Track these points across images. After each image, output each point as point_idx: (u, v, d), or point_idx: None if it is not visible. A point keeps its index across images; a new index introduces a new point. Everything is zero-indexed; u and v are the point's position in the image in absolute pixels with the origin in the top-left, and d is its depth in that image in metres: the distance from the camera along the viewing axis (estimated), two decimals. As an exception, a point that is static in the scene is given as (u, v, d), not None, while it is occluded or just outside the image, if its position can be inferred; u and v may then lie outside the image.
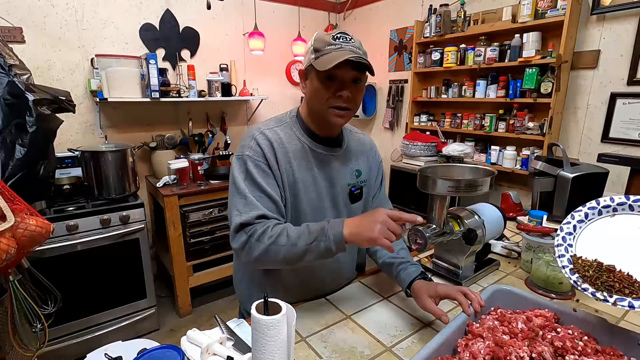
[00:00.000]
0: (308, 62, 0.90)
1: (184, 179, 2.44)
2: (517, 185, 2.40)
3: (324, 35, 0.88)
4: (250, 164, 0.90)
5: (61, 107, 1.53)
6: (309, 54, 0.90)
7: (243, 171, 0.91)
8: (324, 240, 0.78)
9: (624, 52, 1.89)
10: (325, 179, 0.98)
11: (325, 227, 0.79)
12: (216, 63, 2.82)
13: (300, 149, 0.95)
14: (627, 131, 1.91)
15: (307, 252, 0.80)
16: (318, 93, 0.89)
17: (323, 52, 0.86)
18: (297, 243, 0.80)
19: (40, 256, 1.77)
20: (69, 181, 2.12)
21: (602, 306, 0.94)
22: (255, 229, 0.85)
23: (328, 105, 0.89)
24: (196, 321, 2.41)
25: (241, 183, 0.90)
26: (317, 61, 0.86)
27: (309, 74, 0.92)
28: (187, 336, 0.83)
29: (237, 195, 0.90)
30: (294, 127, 0.97)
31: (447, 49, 2.55)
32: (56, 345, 1.90)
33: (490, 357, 0.62)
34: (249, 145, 0.92)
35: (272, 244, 0.82)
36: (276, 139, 0.93)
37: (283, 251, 0.81)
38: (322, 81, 0.87)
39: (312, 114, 0.96)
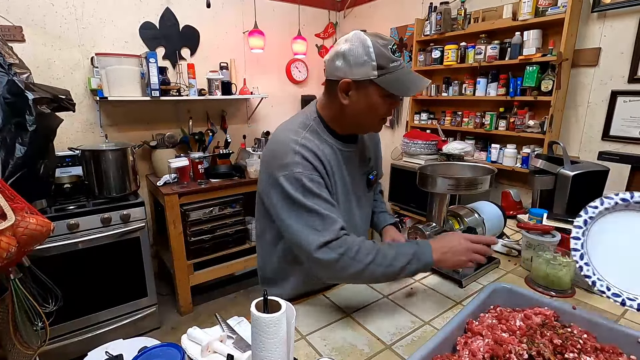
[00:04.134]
0: (365, 76, 0.84)
1: (185, 177, 2.44)
2: (517, 183, 2.39)
3: (382, 49, 0.84)
4: (305, 180, 0.85)
5: (61, 106, 1.53)
6: (364, 67, 0.84)
7: (300, 189, 0.85)
8: (416, 263, 0.85)
9: (624, 49, 1.89)
10: (349, 174, 1.02)
11: (417, 251, 0.86)
12: (216, 61, 2.82)
13: (331, 151, 0.96)
14: (627, 129, 1.90)
15: (400, 272, 0.85)
16: (377, 109, 0.89)
17: (388, 70, 0.84)
18: (394, 264, 0.84)
19: (41, 255, 1.77)
20: (70, 180, 2.12)
21: (602, 304, 0.94)
22: (349, 247, 0.82)
23: (380, 118, 0.93)
24: (197, 319, 2.42)
25: (305, 201, 0.84)
26: (385, 80, 0.84)
27: (362, 87, 0.86)
28: (187, 334, 0.83)
29: (306, 214, 0.84)
30: (319, 130, 0.95)
31: (448, 47, 2.55)
32: (58, 344, 1.90)
33: (489, 355, 0.62)
34: (294, 161, 0.86)
35: (371, 263, 0.83)
36: (314, 146, 0.90)
37: (380, 271, 0.83)
38: (383, 99, 0.88)
39: (352, 121, 0.94)
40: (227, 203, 2.55)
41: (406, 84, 0.86)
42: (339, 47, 0.87)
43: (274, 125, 3.24)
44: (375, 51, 0.83)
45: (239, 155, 3.01)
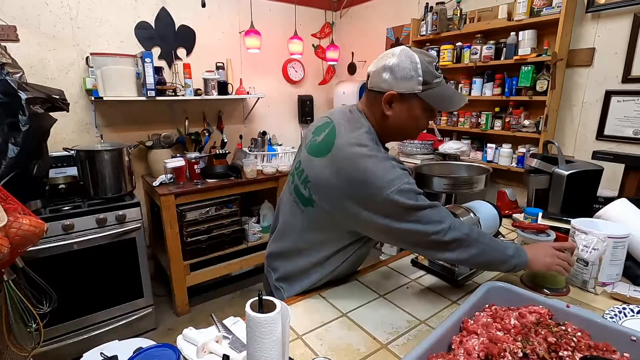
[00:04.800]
0: (410, 90, 0.88)
1: (181, 177, 2.43)
2: (513, 183, 2.41)
3: (428, 65, 0.88)
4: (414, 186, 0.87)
5: (55, 106, 1.52)
6: (411, 81, 0.87)
7: (414, 195, 0.85)
8: (517, 258, 0.91)
9: (618, 49, 1.90)
10: None
11: (518, 247, 0.94)
12: (212, 61, 2.81)
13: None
14: (621, 129, 1.92)
15: (507, 261, 0.90)
16: (418, 121, 0.94)
17: (432, 85, 0.89)
18: (506, 252, 0.90)
19: (35, 256, 1.76)
20: (65, 181, 2.11)
21: (596, 302, 0.95)
22: (471, 228, 0.89)
23: (419, 130, 0.99)
24: (194, 320, 2.41)
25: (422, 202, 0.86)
26: (428, 95, 0.89)
27: (406, 99, 0.90)
28: (183, 335, 0.83)
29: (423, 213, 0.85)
30: (376, 141, 0.95)
31: (444, 47, 2.56)
32: (53, 345, 1.89)
33: (484, 354, 0.63)
34: (399, 174, 0.86)
35: (489, 245, 0.89)
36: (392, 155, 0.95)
37: (495, 255, 0.90)
38: (426, 112, 0.93)
39: (393, 131, 0.97)
40: (224, 203, 2.54)
41: (447, 99, 0.93)
42: (386, 60, 0.90)
43: (270, 125, 3.26)
44: (422, 67, 0.87)
45: (235, 156, 3.00)
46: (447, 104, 0.93)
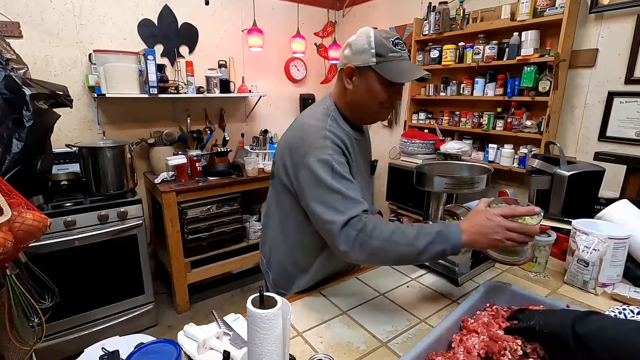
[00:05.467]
0: (365, 62, 0.92)
1: (182, 175, 2.44)
2: (514, 184, 2.40)
3: (383, 40, 0.91)
4: (334, 163, 0.89)
5: (58, 102, 1.52)
6: (365, 54, 0.92)
7: (329, 171, 0.88)
8: (441, 243, 0.78)
9: (621, 51, 1.90)
10: (362, 161, 1.10)
11: (443, 230, 0.79)
12: (215, 59, 2.82)
13: (349, 140, 1.01)
14: (624, 130, 1.91)
15: (423, 253, 0.79)
16: (376, 95, 0.95)
17: (387, 58, 0.91)
18: (415, 243, 0.79)
19: (38, 251, 1.77)
20: (67, 177, 2.12)
21: (595, 302, 0.95)
22: (365, 224, 0.82)
23: (381, 106, 0.98)
24: (194, 317, 2.42)
25: (332, 182, 0.86)
26: (382, 68, 0.91)
27: (362, 73, 0.94)
28: (184, 331, 0.83)
29: (330, 195, 0.86)
30: (338, 119, 1.01)
31: (446, 47, 2.55)
32: (54, 341, 1.90)
33: (484, 352, 0.63)
34: (325, 145, 0.90)
35: (388, 241, 0.80)
36: (339, 133, 0.97)
37: (399, 249, 0.80)
38: (384, 86, 0.94)
39: (358, 108, 1.01)
40: (225, 201, 2.55)
41: (400, 71, 0.92)
42: (349, 39, 0.97)
43: (272, 124, 3.26)
44: (375, 40, 0.92)
45: (237, 154, 3.01)
46: (399, 76, 0.91)
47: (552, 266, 1.16)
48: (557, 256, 1.20)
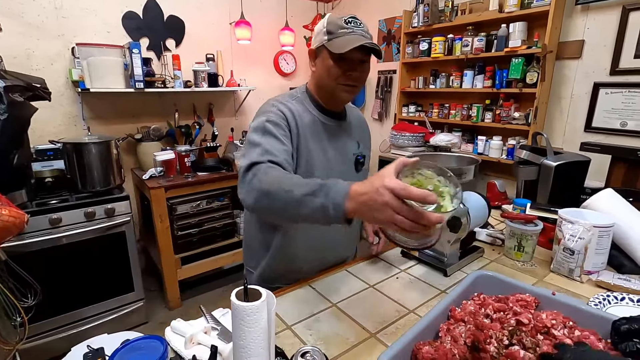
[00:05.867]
0: (319, 42, 0.97)
1: (171, 171, 2.41)
2: (503, 175, 2.43)
3: (336, 19, 0.95)
4: (269, 125, 0.93)
5: (36, 95, 1.47)
6: (320, 34, 0.97)
7: (261, 129, 0.92)
8: (322, 197, 0.65)
9: (607, 42, 1.91)
10: (334, 149, 1.07)
11: (328, 184, 0.66)
12: (202, 53, 2.77)
13: (312, 121, 1.03)
14: (609, 120, 1.94)
15: (300, 204, 0.68)
16: (330, 72, 0.97)
17: (336, 35, 0.94)
18: (293, 190, 0.69)
19: (23, 250, 1.73)
20: (51, 174, 2.07)
21: (581, 290, 0.97)
22: (260, 167, 0.80)
23: (338, 83, 0.98)
24: (186, 313, 2.40)
25: (258, 137, 0.90)
26: (331, 43, 0.94)
27: (319, 53, 0.99)
28: (171, 326, 0.82)
29: (251, 148, 0.88)
30: (304, 101, 1.05)
31: (435, 39, 2.55)
32: (42, 340, 1.87)
33: (470, 340, 0.63)
34: (269, 111, 0.97)
35: (272, 184, 0.73)
36: (293, 109, 0.99)
37: (280, 197, 0.71)
38: (335, 61, 0.95)
39: (322, 89, 1.04)
40: (215, 196, 2.53)
41: (344, 42, 0.92)
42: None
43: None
44: (327, 20, 0.96)
45: (226, 149, 2.98)
46: (341, 46, 0.92)
47: (539, 255, 1.17)
48: (544, 245, 1.22)
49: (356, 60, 0.96)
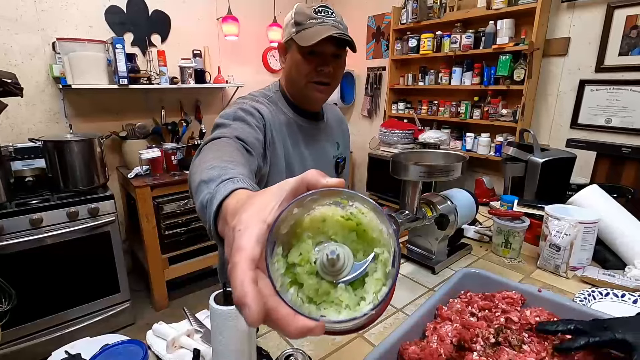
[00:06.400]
0: (288, 35, 0.88)
1: (157, 169, 2.36)
2: (491, 172, 2.45)
3: (305, 8, 0.87)
4: (241, 112, 0.85)
5: (6, 91, 1.40)
6: (289, 27, 0.88)
7: (231, 115, 0.83)
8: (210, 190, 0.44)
9: (592, 39, 1.94)
10: (312, 152, 1.00)
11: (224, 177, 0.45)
12: (189, 49, 2.72)
13: (287, 123, 0.95)
14: (594, 117, 1.97)
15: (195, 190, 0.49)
16: (299, 67, 0.89)
17: (305, 26, 0.85)
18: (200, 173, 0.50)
19: (2, 252, 1.68)
20: (32, 173, 2.01)
21: (567, 286, 0.97)
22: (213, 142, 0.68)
23: (308, 80, 0.90)
24: (173, 314, 2.37)
25: (227, 121, 0.82)
26: (299, 35, 0.85)
27: (289, 47, 0.90)
28: (152, 329, 0.80)
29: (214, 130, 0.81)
30: (279, 102, 0.97)
31: (424, 36, 2.55)
32: (26, 343, 1.82)
33: (457, 339, 0.63)
34: (243, 102, 0.89)
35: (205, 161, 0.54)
36: (265, 109, 0.91)
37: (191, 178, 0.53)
38: (304, 55, 0.87)
39: (293, 88, 0.96)
40: (203, 195, 2.48)
41: (313, 33, 0.83)
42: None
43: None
44: (295, 10, 0.87)
45: (214, 146, 2.93)
46: (308, 38, 0.83)
47: (525, 251, 1.18)
48: (530, 241, 1.23)
49: (328, 54, 0.87)
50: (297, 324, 0.25)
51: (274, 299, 0.25)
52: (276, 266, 0.28)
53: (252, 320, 0.24)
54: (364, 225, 0.31)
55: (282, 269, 0.28)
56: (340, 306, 0.29)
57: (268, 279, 0.26)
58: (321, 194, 0.30)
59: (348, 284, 0.29)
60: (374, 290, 0.29)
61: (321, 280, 0.29)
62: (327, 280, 0.29)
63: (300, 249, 0.29)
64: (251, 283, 0.24)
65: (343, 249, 0.28)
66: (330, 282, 0.29)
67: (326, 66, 0.88)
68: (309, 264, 0.29)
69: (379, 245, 0.30)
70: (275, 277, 0.27)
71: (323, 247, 0.29)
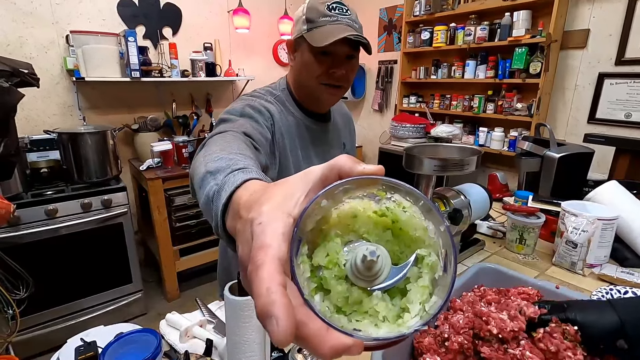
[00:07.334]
0: (299, 32, 0.83)
1: (169, 162, 2.38)
2: (504, 167, 2.40)
3: (317, 4, 0.81)
4: (249, 109, 0.81)
5: (23, 81, 1.41)
6: (300, 23, 0.83)
7: (239, 111, 0.79)
8: (217, 182, 0.40)
9: (612, 31, 1.87)
10: (319, 155, 0.96)
11: (233, 167, 0.42)
12: (200, 42, 2.72)
13: (295, 125, 0.91)
14: (613, 112, 1.91)
15: (200, 182, 0.44)
16: (309, 68, 0.84)
17: (317, 24, 0.80)
18: (211, 162, 0.45)
19: (19, 241, 1.72)
20: (47, 164, 2.04)
21: (583, 283, 0.95)
22: (219, 135, 0.62)
23: (319, 82, 0.86)
24: (184, 305, 2.40)
25: (233, 117, 0.78)
26: (311, 34, 0.80)
27: (299, 45, 0.85)
28: (166, 319, 0.81)
29: (218, 125, 0.75)
30: (287, 101, 0.92)
31: (437, 28, 2.50)
32: (40, 331, 1.87)
33: (469, 327, 0.62)
34: (252, 99, 0.85)
35: (210, 152, 0.49)
36: (275, 109, 0.87)
37: (196, 172, 0.48)
38: (315, 56, 0.83)
39: (301, 88, 0.92)
40: (213, 188, 2.50)
41: (326, 33, 0.78)
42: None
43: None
44: (307, 6, 0.82)
45: (225, 140, 2.94)
46: (321, 39, 0.77)
47: (540, 248, 1.15)
48: (545, 238, 1.20)
49: (341, 56, 0.83)
50: (332, 341, 0.20)
51: (303, 311, 0.21)
52: (302, 269, 0.24)
53: (282, 337, 0.19)
54: (401, 222, 0.26)
55: (308, 272, 0.24)
56: (376, 318, 0.24)
57: (294, 285, 0.22)
58: (356, 183, 0.25)
59: (384, 291, 0.25)
60: (421, 300, 0.24)
61: (352, 286, 0.24)
62: (359, 286, 0.24)
63: (327, 249, 0.25)
64: (280, 289, 0.19)
65: (380, 249, 0.24)
66: (363, 289, 0.24)
67: (339, 68, 0.83)
68: (338, 266, 0.24)
69: (423, 245, 0.26)
70: (301, 282, 0.22)
71: (354, 247, 0.25)
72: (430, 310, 0.24)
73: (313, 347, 0.20)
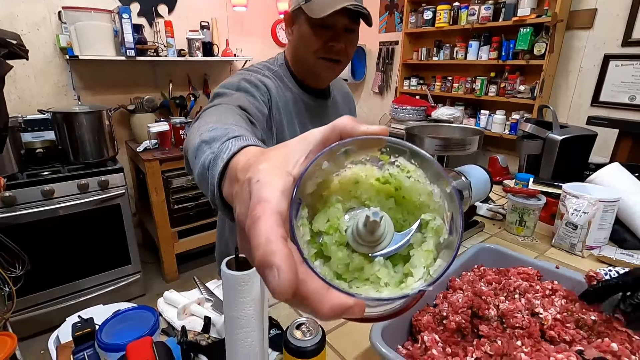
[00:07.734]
0: (297, 4, 0.80)
1: (166, 143, 2.35)
2: (505, 151, 2.39)
3: None
4: (245, 82, 0.79)
5: (11, 52, 1.36)
6: None
7: (234, 85, 0.77)
8: (213, 149, 0.38)
9: (620, 11, 1.83)
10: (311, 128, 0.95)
11: (230, 135, 0.39)
12: (196, 20, 2.65)
13: (293, 101, 0.89)
14: (617, 95, 1.88)
15: (195, 150, 0.42)
16: (307, 41, 0.82)
17: None
18: (200, 134, 0.43)
19: (16, 222, 1.71)
20: (42, 145, 2.02)
21: (582, 265, 0.95)
22: (213, 107, 0.61)
23: (317, 56, 0.83)
24: (183, 286, 2.42)
25: (229, 91, 0.76)
26: (308, 5, 0.77)
27: (296, 17, 0.83)
28: (164, 297, 0.81)
29: (213, 99, 0.73)
30: (284, 76, 0.90)
31: (440, 8, 2.44)
32: (40, 311, 1.88)
33: (467, 306, 0.62)
34: (248, 73, 0.83)
35: (205, 123, 0.47)
36: (272, 84, 0.85)
37: (190, 143, 0.46)
38: (313, 28, 0.80)
39: (299, 63, 0.89)
40: (211, 170, 2.48)
41: (324, 3, 0.76)
42: None
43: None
44: None
45: (223, 122, 2.91)
46: (321, 8, 0.75)
47: (540, 230, 1.15)
48: (545, 221, 1.20)
49: (340, 28, 0.80)
50: (333, 300, 0.19)
51: (302, 269, 0.19)
52: (301, 231, 0.23)
53: (284, 288, 0.17)
54: (404, 189, 0.25)
55: (308, 236, 0.23)
56: (377, 284, 0.23)
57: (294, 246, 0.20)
58: (359, 143, 0.24)
59: (387, 258, 0.23)
60: (425, 264, 0.23)
61: (352, 253, 0.23)
62: (361, 253, 0.23)
63: (327, 215, 0.24)
64: (280, 239, 0.18)
65: (383, 214, 0.23)
66: (365, 255, 0.23)
67: (338, 41, 0.80)
68: (339, 232, 0.23)
69: (428, 210, 0.25)
70: (301, 244, 0.21)
71: (355, 213, 0.24)
72: (434, 273, 0.22)
73: (312, 306, 0.19)
